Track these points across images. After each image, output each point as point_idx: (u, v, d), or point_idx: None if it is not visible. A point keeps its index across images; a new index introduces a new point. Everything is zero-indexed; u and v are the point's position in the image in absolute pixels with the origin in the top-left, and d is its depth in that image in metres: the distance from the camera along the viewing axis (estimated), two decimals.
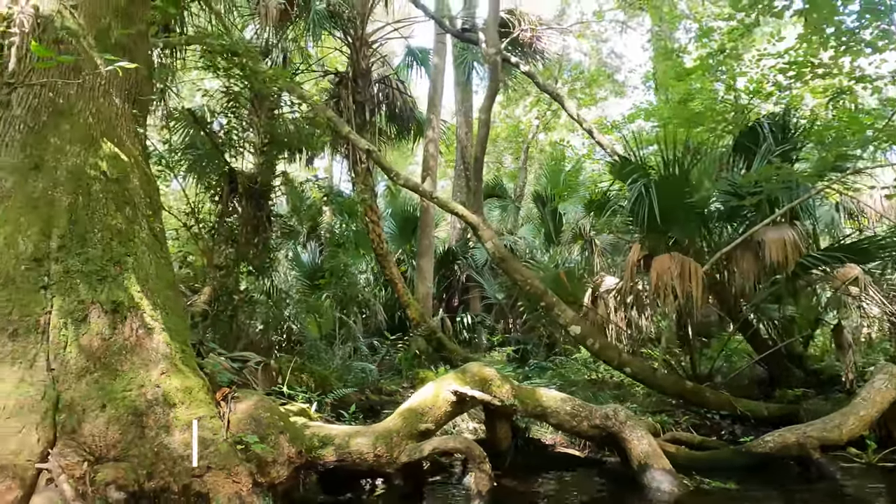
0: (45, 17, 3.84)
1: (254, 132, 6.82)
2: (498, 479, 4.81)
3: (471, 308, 14.50)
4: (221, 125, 6.71)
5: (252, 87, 6.40)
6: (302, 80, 14.17)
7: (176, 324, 3.73)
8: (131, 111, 4.17)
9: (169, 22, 8.47)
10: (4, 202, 3.46)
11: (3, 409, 2.98)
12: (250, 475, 3.33)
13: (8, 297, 3.25)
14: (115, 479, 3.01)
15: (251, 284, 12.11)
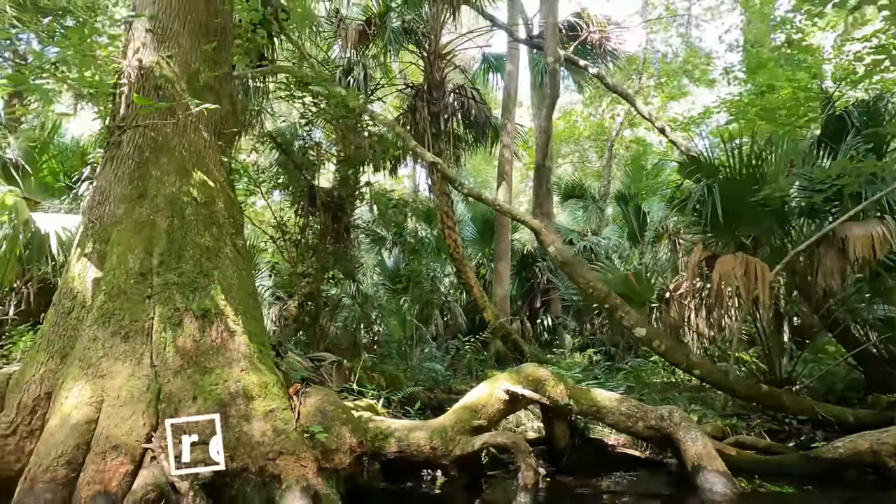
0: (146, 69, 4.55)
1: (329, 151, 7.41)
2: (554, 476, 5.05)
3: (551, 310, 14.53)
4: (300, 146, 7.37)
5: (326, 111, 6.99)
6: (383, 93, 14.94)
7: (255, 327, 4.29)
8: (217, 143, 4.81)
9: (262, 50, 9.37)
10: (117, 226, 4.17)
11: (117, 398, 3.63)
12: (316, 461, 3.79)
13: (120, 306, 3.92)
14: (203, 459, 3.56)
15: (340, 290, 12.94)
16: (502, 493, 4.55)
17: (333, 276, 11.51)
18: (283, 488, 3.59)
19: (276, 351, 4.98)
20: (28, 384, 3.82)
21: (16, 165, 7.34)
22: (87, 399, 3.62)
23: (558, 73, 6.99)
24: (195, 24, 4.87)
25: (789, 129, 7.29)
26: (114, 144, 4.48)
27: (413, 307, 11.04)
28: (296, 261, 7.36)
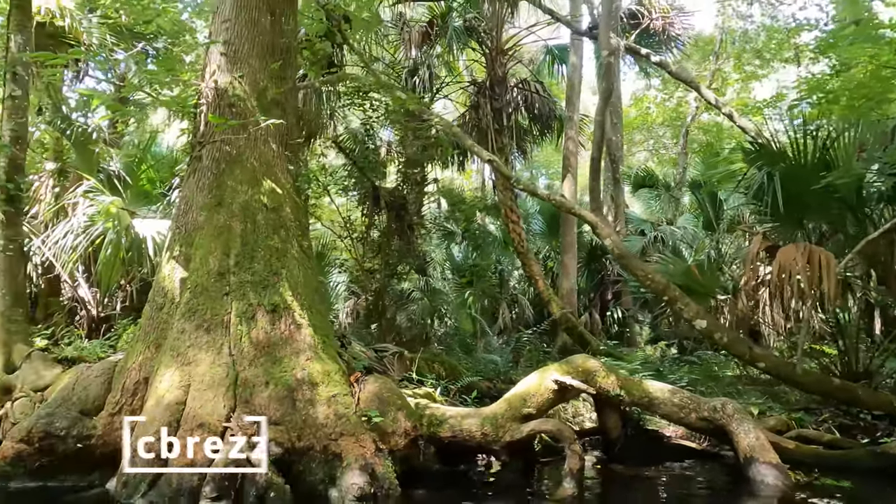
0: (221, 89, 5.07)
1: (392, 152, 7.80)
2: (606, 464, 5.18)
3: (623, 303, 14.36)
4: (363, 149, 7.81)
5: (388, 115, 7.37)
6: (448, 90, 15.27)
7: (319, 321, 4.71)
8: (284, 153, 5.28)
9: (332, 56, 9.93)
10: (199, 232, 4.71)
11: (202, 383, 4.15)
12: (373, 442, 4.14)
13: (203, 303, 4.45)
14: (275, 438, 4.00)
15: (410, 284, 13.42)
16: (552, 478, 4.74)
17: (403, 271, 12.00)
18: (344, 466, 3.98)
19: (340, 342, 5.40)
20: (129, 370, 4.43)
21: (118, 177, 8.22)
22: (177, 383, 4.16)
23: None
24: (262, 45, 5.35)
25: (865, 110, 6.91)
26: (195, 158, 5.04)
27: (477, 301, 11.29)
28: (362, 258, 7.80)
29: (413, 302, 11.98)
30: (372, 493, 3.88)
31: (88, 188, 7.37)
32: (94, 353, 5.48)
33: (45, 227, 7.96)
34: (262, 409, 4.15)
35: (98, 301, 8.11)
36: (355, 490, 3.81)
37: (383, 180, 8.17)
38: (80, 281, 7.85)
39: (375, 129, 7.74)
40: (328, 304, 5.46)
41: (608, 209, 16.80)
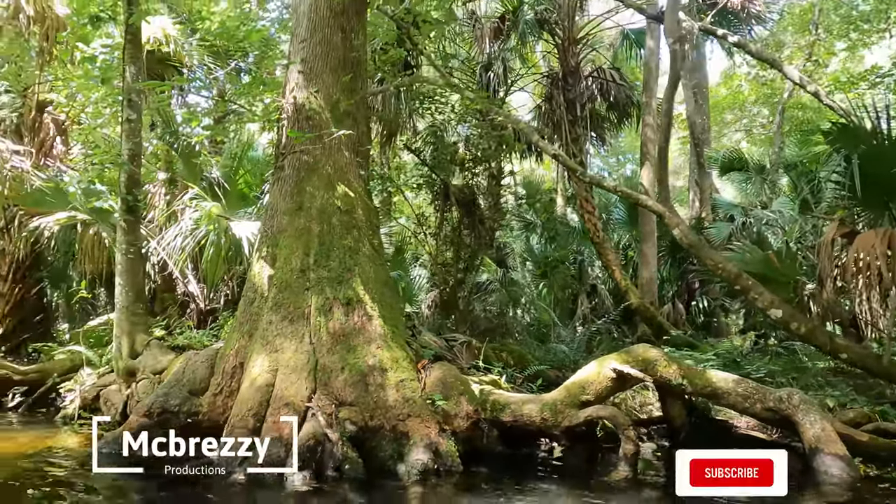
0: (299, 104, 5.62)
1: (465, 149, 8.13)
2: (670, 452, 5.25)
3: (710, 291, 13.89)
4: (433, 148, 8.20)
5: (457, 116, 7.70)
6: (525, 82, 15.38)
7: (389, 313, 5.15)
8: (356, 159, 5.76)
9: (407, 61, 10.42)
10: (283, 234, 5.29)
11: (287, 367, 4.70)
12: (437, 423, 4.53)
13: (287, 297, 5.02)
14: (349, 417, 4.49)
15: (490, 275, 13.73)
16: (611, 462, 4.90)
17: (479, 263, 12.31)
18: (411, 444, 4.39)
19: (411, 332, 5.83)
20: (228, 356, 5.09)
21: (218, 184, 9.15)
22: (266, 368, 4.75)
23: (679, 53, 6.84)
24: (335, 61, 5.85)
25: None
26: (278, 168, 5.63)
27: (552, 291, 11.42)
28: (435, 252, 8.22)
29: (491, 293, 12.30)
30: (435, 469, 4.26)
31: (193, 195, 8.28)
32: (201, 341, 6.27)
33: (159, 230, 9.03)
34: (338, 392, 4.65)
35: (205, 296, 9.10)
36: (420, 466, 4.22)
37: (456, 177, 8.51)
38: (189, 278, 8.85)
39: (447, 128, 8.08)
40: (398, 297, 5.89)
41: (694, 195, 16.26)
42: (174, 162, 9.52)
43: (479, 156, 7.96)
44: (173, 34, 9.02)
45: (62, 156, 10.09)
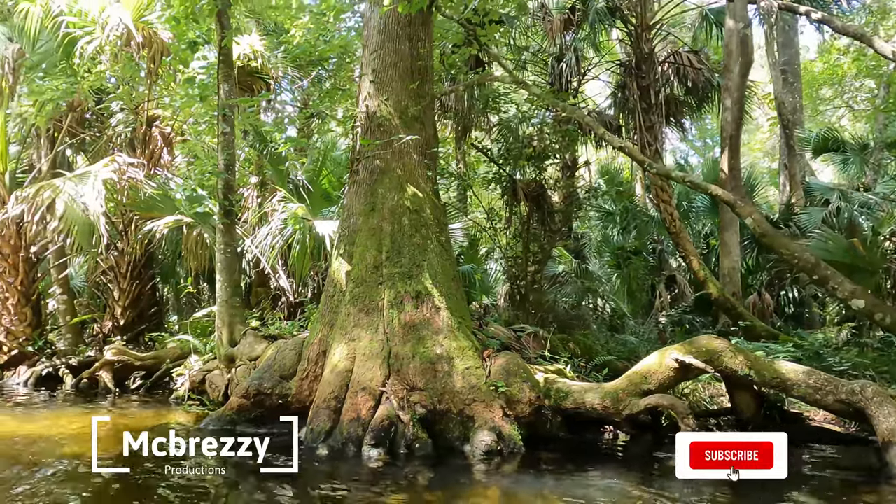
0: (371, 112, 6.06)
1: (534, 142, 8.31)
2: None
3: (800, 281, 13.22)
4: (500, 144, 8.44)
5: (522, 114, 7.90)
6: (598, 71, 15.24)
7: (455, 305, 5.50)
8: (424, 161, 6.14)
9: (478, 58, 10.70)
10: (358, 233, 5.77)
11: (364, 355, 5.17)
12: (501, 408, 4.84)
13: (363, 291, 5.49)
14: (420, 401, 4.88)
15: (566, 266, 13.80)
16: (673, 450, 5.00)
17: (552, 255, 12.41)
18: (476, 426, 4.73)
19: (479, 323, 6.16)
20: (312, 345, 5.64)
21: (303, 186, 9.87)
22: (345, 356, 5.24)
23: (749, 38, 6.61)
24: (403, 69, 6.24)
25: None
26: (354, 172, 6.12)
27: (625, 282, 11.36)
28: (505, 246, 8.48)
29: (566, 284, 12.38)
30: (499, 450, 4.58)
31: (281, 197, 9.01)
32: (290, 331, 6.91)
33: (252, 230, 9.89)
34: (410, 378, 5.06)
35: (294, 289, 9.88)
36: (484, 446, 4.55)
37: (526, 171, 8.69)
38: (280, 273, 9.65)
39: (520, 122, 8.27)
40: (464, 291, 6.23)
41: (784, 179, 15.42)
42: (264, 167, 10.37)
43: (546, 150, 8.10)
44: (260, 49, 9.80)
45: (168, 165, 11.21)
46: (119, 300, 10.07)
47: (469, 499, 3.85)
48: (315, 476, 4.34)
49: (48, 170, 10.29)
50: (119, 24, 8.70)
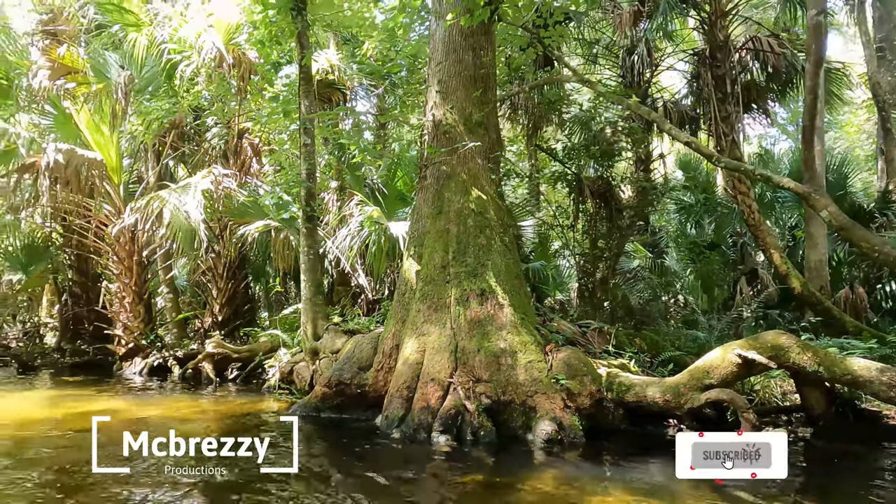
0: (437, 120, 6.44)
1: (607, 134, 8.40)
2: (809, 439, 5.23)
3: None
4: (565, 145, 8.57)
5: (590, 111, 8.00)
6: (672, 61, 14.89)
7: (518, 302, 5.78)
8: (488, 165, 6.44)
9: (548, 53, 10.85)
10: (427, 235, 6.17)
11: (433, 349, 5.56)
12: (562, 400, 5.08)
13: (431, 289, 5.89)
14: (485, 392, 5.21)
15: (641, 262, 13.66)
16: None
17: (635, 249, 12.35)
18: (538, 417, 5.01)
19: (542, 318, 6.40)
20: (386, 339, 6.10)
21: (378, 189, 10.44)
22: (416, 349, 5.66)
23: (823, 25, 6.36)
24: (467, 78, 6.57)
25: None
26: (422, 178, 6.52)
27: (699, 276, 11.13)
28: (572, 243, 8.61)
29: (640, 280, 12.27)
30: (559, 439, 4.84)
31: (358, 201, 9.60)
32: (367, 326, 7.43)
33: (333, 232, 10.57)
34: (475, 370, 5.40)
35: (372, 287, 10.48)
36: (545, 435, 4.82)
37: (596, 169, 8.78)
38: (359, 272, 10.27)
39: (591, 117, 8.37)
40: (527, 288, 6.46)
41: (881, 164, 14.42)
42: (343, 172, 11.03)
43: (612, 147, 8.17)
44: (336, 63, 10.45)
45: (257, 173, 12.16)
46: (217, 298, 11.08)
47: (531, 481, 4.14)
48: (392, 458, 4.79)
49: (155, 181, 11.48)
50: (212, 48, 9.60)
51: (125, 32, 10.79)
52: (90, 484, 3.89)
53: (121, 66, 10.76)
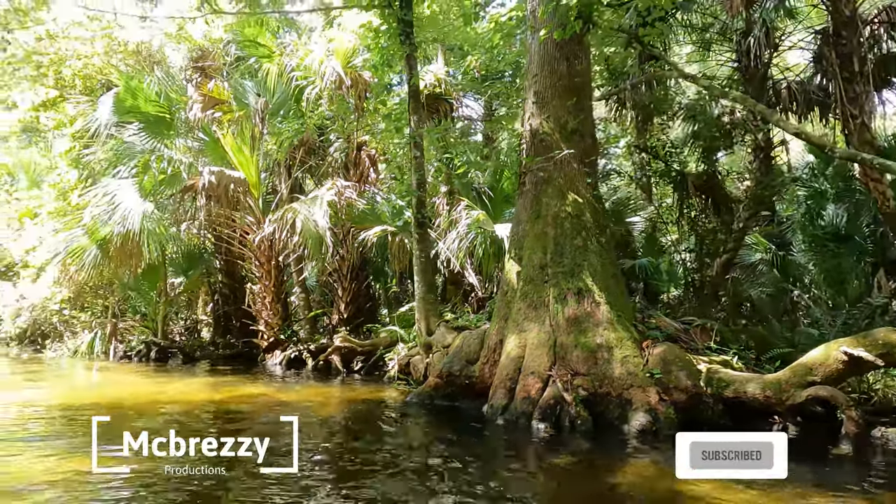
0: (534, 129, 6.86)
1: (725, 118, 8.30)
2: None
3: None
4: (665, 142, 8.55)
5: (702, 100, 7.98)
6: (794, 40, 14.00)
7: (614, 300, 6.06)
8: (584, 170, 6.75)
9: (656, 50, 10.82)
10: (526, 238, 6.63)
11: (532, 344, 6.02)
12: (657, 393, 5.32)
13: (531, 289, 6.34)
14: (582, 384, 5.59)
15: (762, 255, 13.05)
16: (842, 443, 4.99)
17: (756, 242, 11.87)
18: (633, 409, 5.30)
19: (641, 315, 6.60)
20: (491, 335, 6.64)
21: (484, 192, 11.00)
22: (517, 344, 6.14)
23: None
24: (562, 88, 6.92)
25: None
26: (521, 184, 6.98)
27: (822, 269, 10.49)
28: (678, 240, 8.60)
29: (761, 274, 11.76)
30: (653, 430, 5.11)
31: (465, 205, 10.22)
32: (475, 323, 8.02)
33: (444, 233, 11.29)
34: (573, 365, 5.78)
35: (482, 285, 11.07)
36: (639, 426, 5.12)
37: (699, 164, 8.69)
38: (469, 272, 10.90)
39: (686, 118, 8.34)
40: (624, 286, 6.65)
41: None
42: (452, 177, 11.72)
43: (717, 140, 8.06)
44: (443, 77, 11.15)
45: (374, 182, 13.21)
46: (342, 297, 12.25)
47: (624, 465, 4.50)
48: (496, 440, 5.35)
49: (287, 193, 12.90)
50: (333, 72, 10.69)
51: (260, 64, 12.24)
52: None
53: (257, 93, 12.24)
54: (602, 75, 10.84)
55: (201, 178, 10.85)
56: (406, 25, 8.19)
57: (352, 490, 3.77)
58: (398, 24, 8.16)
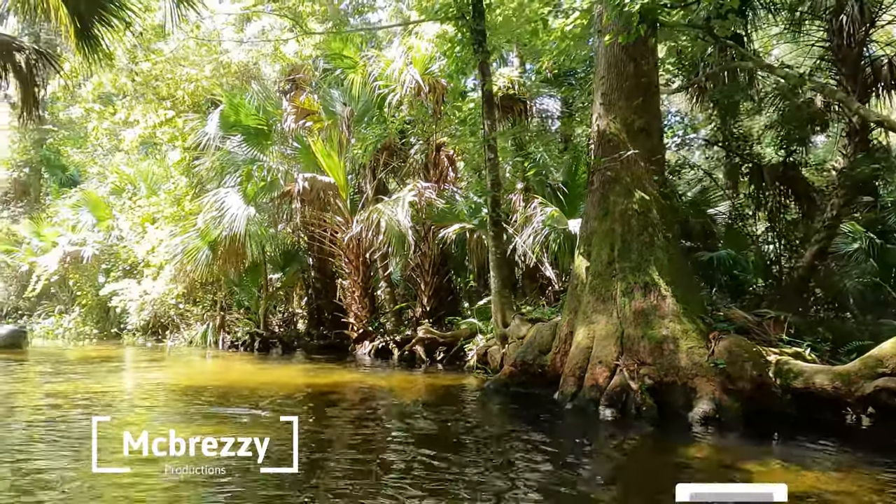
0: (602, 130, 7.16)
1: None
2: None
3: None
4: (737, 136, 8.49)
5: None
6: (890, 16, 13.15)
7: (681, 293, 6.29)
8: (650, 168, 6.96)
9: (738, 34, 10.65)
10: (595, 235, 6.96)
11: (600, 335, 6.37)
12: (722, 384, 5.54)
13: (599, 283, 6.68)
14: (648, 374, 5.89)
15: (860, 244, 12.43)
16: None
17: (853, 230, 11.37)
18: (697, 397, 5.56)
19: (711, 307, 6.76)
20: (562, 327, 7.04)
21: (558, 188, 11.30)
22: (586, 336, 6.51)
23: None
24: (629, 88, 7.16)
25: None
26: (590, 183, 7.30)
27: None
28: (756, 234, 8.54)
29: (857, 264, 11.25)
30: (717, 418, 5.35)
31: (539, 202, 10.59)
32: (548, 315, 8.42)
33: (520, 229, 11.71)
34: (639, 355, 6.09)
35: (558, 280, 11.41)
36: (702, 414, 5.38)
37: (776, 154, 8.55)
38: (545, 266, 11.27)
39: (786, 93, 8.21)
40: (691, 279, 6.76)
41: None
42: (528, 172, 12.11)
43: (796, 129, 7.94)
44: (516, 78, 11.54)
45: (453, 181, 13.82)
46: (425, 291, 12.97)
47: (687, 447, 4.82)
48: (566, 423, 5.80)
49: (372, 194, 13.78)
50: (412, 80, 11.37)
51: (345, 75, 13.16)
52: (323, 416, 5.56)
53: (343, 102, 13.17)
54: (677, 65, 10.79)
55: (296, 184, 11.90)
56: (478, 35, 8.67)
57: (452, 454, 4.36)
58: (471, 34, 8.65)
